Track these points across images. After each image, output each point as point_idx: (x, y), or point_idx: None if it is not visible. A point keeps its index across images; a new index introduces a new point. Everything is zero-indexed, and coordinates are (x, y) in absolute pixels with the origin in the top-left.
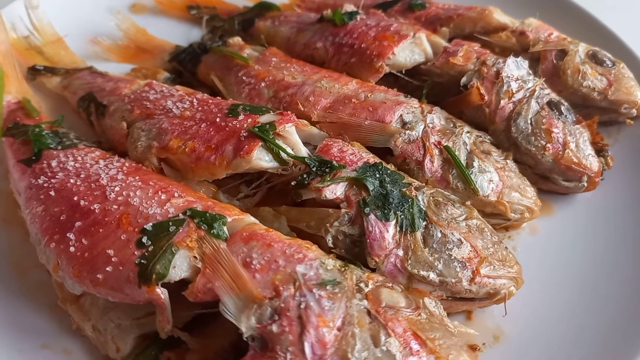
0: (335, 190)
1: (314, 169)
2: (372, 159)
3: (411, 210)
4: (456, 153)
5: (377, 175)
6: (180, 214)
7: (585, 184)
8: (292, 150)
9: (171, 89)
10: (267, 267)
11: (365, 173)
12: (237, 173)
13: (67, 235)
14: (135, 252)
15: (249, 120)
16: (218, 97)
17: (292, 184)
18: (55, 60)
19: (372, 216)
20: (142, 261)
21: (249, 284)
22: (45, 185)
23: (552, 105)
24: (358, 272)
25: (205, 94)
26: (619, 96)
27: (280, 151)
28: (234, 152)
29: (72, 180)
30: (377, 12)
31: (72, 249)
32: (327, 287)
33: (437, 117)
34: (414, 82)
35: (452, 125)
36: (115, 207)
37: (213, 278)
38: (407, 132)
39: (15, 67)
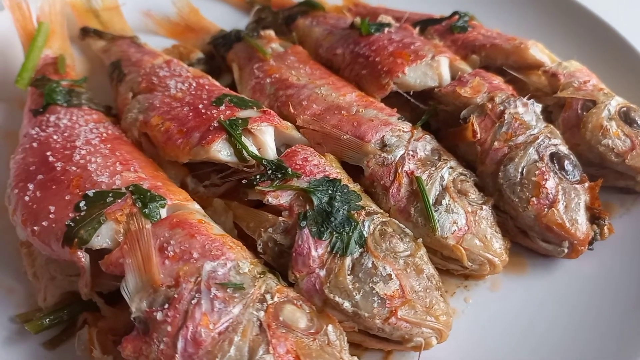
0: (280, 197)
1: (269, 172)
2: (336, 174)
3: (350, 234)
4: (428, 187)
5: (329, 192)
6: (124, 188)
7: (566, 250)
8: (259, 149)
9: (184, 69)
10: (179, 256)
11: (318, 187)
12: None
13: (28, 185)
14: (70, 214)
15: (228, 112)
16: (217, 85)
17: (243, 182)
18: (107, 26)
19: (306, 230)
20: (71, 223)
21: (154, 269)
22: (34, 136)
23: (554, 157)
24: (272, 282)
25: (209, 80)
26: (637, 162)
27: (242, 148)
28: (198, 140)
29: (54, 137)
30: (409, 27)
31: (27, 198)
32: (228, 290)
33: (422, 146)
34: (421, 105)
35: (436, 157)
36: (74, 168)
37: (127, 254)
38: (384, 154)
39: (63, 25)
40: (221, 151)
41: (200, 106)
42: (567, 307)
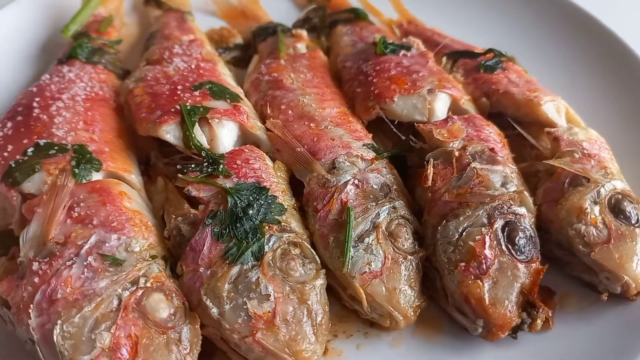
0: (201, 191)
1: (204, 164)
2: (270, 183)
3: (249, 244)
4: (358, 220)
5: (250, 198)
6: (70, 145)
7: (480, 330)
8: (211, 141)
9: (198, 51)
10: (81, 219)
11: (241, 190)
12: None
13: (7, 122)
14: (17, 156)
15: (199, 98)
16: (217, 72)
17: (177, 167)
18: None
19: (208, 229)
20: (13, 164)
21: (53, 224)
22: (40, 81)
23: (506, 227)
24: (155, 268)
25: (213, 65)
26: (604, 259)
27: (189, 134)
28: (156, 118)
29: (52, 86)
30: (427, 55)
31: (0, 133)
32: (105, 262)
33: (374, 178)
34: (402, 137)
35: (383, 193)
36: (44, 117)
37: (41, 204)
38: (328, 176)
39: None
40: (170, 133)
41: (180, 87)
42: None
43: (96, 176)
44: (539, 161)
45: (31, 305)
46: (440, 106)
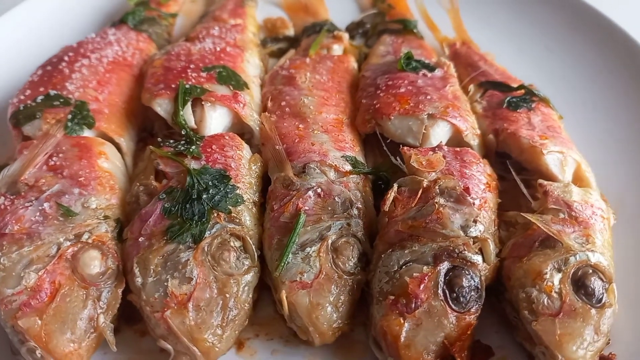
0: (168, 166)
1: (182, 142)
2: (236, 174)
3: (192, 227)
4: (307, 229)
5: (210, 184)
6: (74, 100)
7: None
8: (200, 122)
9: (232, 36)
10: (54, 168)
11: (203, 174)
12: None
13: (39, 70)
14: (29, 101)
15: (202, 80)
16: (237, 60)
17: (158, 139)
18: None
19: (160, 203)
20: (21, 107)
21: (29, 167)
22: (85, 39)
23: (450, 273)
24: (103, 227)
25: (239, 52)
26: (544, 331)
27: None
28: (156, 90)
29: (89, 45)
30: (448, 78)
31: (30, 78)
32: (59, 211)
33: (340, 192)
34: (390, 156)
35: (343, 209)
36: (66, 71)
37: (29, 148)
38: (293, 178)
39: None
40: (161, 106)
41: (192, 67)
42: None
43: (87, 133)
44: (519, 213)
45: None
46: (438, 133)
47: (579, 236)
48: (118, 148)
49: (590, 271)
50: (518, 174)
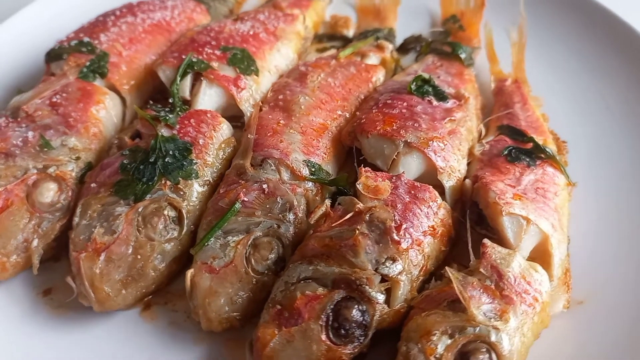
0: (144, 128)
1: (167, 109)
2: (200, 151)
3: (137, 187)
4: (239, 220)
5: (170, 153)
6: (99, 51)
7: None
8: (194, 95)
9: (276, 25)
10: (54, 104)
11: (169, 142)
12: None
13: (95, 19)
14: (65, 43)
15: (213, 57)
16: (263, 45)
17: (150, 102)
18: None
19: (121, 158)
20: (56, 47)
21: (35, 98)
22: None
23: (344, 303)
24: (70, 166)
25: (271, 39)
26: None
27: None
28: (166, 57)
29: (145, 6)
30: (452, 111)
31: (87, 23)
32: (39, 141)
33: (284, 194)
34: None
35: (279, 211)
36: (109, 24)
37: (45, 83)
38: (249, 169)
39: None
40: (165, 72)
41: (213, 43)
42: None
43: (98, 82)
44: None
45: None
46: (410, 164)
47: (493, 310)
48: (124, 103)
49: (485, 350)
50: (487, 228)
